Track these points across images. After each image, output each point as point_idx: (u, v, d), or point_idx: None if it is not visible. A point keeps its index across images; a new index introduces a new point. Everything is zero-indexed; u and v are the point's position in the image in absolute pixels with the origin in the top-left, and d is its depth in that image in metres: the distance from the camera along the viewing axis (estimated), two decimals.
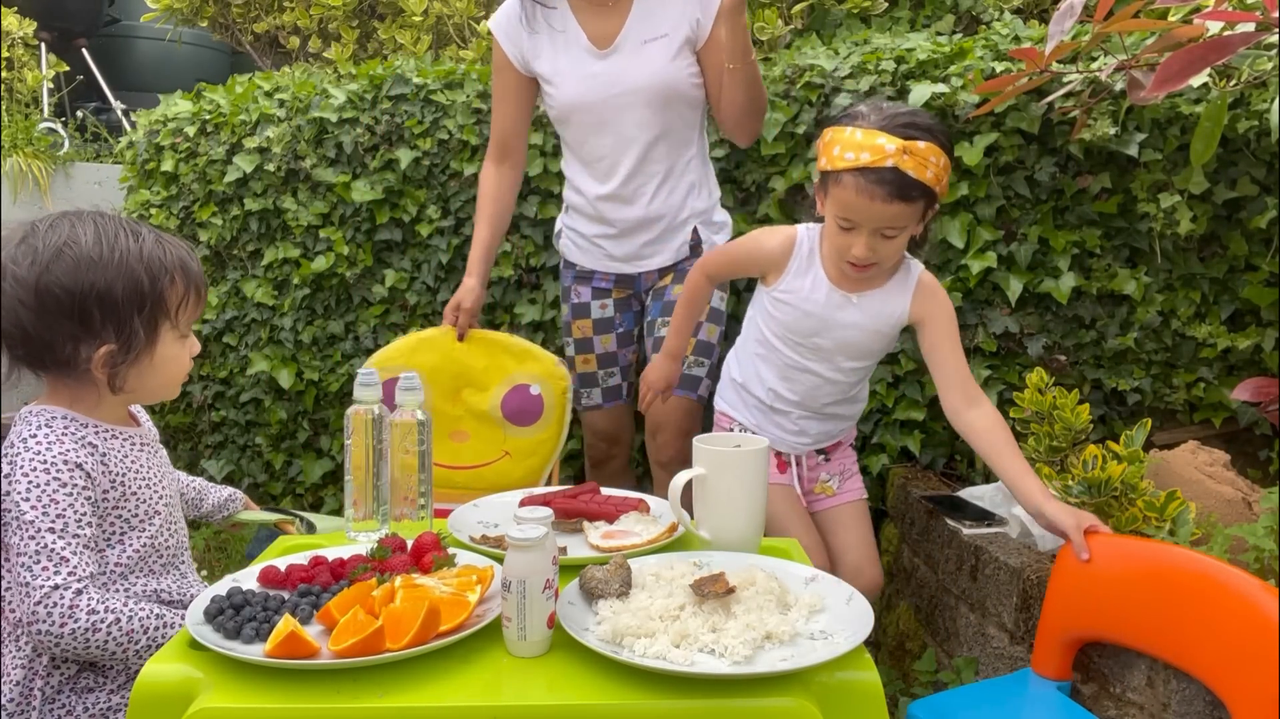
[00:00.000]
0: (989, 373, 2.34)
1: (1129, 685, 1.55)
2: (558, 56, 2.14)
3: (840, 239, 1.72)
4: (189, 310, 1.37)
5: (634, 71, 2.09)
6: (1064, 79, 2.15)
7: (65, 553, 1.22)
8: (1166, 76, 1.69)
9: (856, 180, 1.64)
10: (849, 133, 1.66)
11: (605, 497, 1.51)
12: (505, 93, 2.24)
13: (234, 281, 2.89)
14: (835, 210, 1.70)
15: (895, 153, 1.61)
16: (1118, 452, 1.80)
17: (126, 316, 1.29)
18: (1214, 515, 1.75)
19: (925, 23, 2.98)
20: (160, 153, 2.93)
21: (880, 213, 1.65)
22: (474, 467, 2.23)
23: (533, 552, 1.06)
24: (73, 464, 1.26)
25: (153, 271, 1.31)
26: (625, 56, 2.10)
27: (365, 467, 1.41)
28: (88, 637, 1.20)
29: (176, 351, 1.37)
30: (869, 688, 1.04)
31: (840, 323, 1.82)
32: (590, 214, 2.22)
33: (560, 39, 2.14)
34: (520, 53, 2.18)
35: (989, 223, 2.34)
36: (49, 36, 4.83)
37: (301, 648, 1.03)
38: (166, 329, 1.34)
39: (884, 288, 1.81)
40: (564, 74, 2.13)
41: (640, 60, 2.09)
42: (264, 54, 4.03)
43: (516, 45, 2.18)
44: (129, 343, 1.30)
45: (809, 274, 1.82)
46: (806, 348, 1.86)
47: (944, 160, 1.66)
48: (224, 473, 2.95)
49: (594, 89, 2.11)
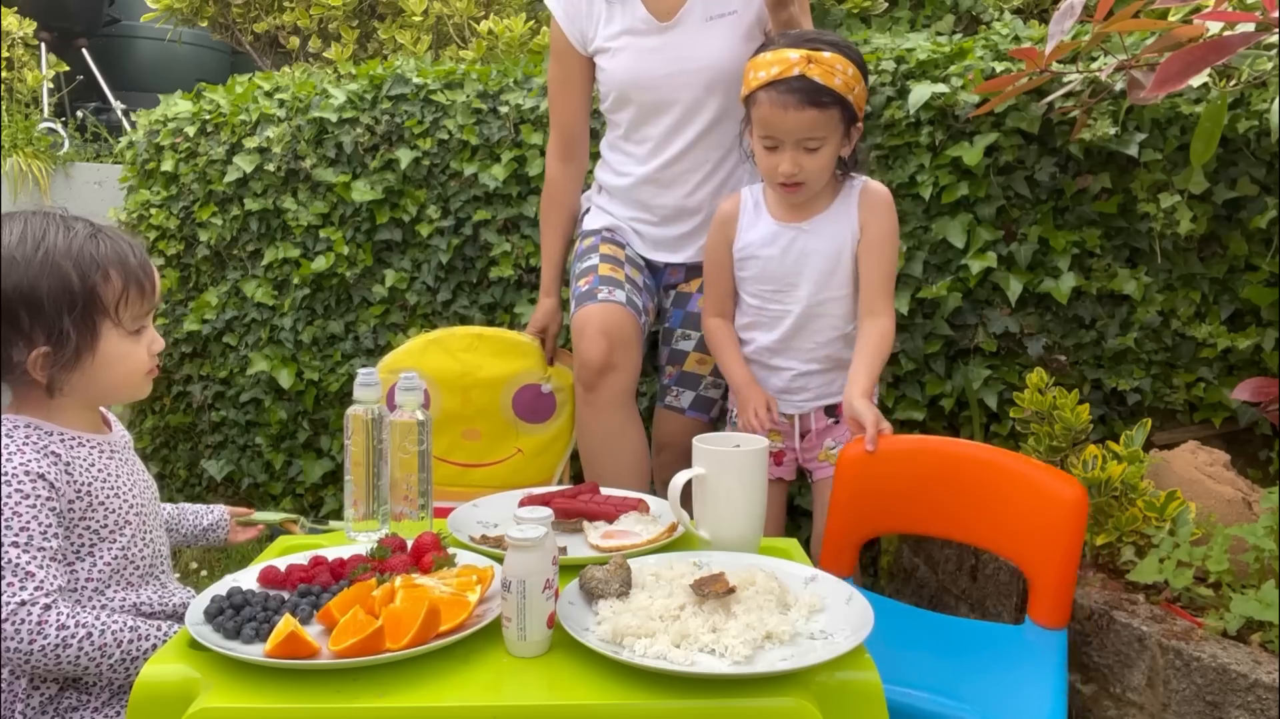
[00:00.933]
0: (989, 373, 2.34)
1: (1129, 685, 1.55)
2: (614, 26, 2.00)
3: (767, 161, 1.81)
4: (132, 306, 1.30)
5: (697, 49, 1.95)
6: (1064, 79, 2.15)
7: (30, 567, 1.17)
8: (1166, 77, 1.69)
9: (769, 94, 1.74)
10: (759, 56, 1.78)
11: (605, 497, 1.51)
12: (568, 80, 2.09)
13: (234, 281, 2.89)
14: (758, 132, 1.80)
15: (800, 61, 1.72)
16: (1118, 452, 1.80)
17: (55, 317, 1.24)
18: (1214, 515, 1.75)
19: (925, 23, 2.98)
20: (160, 153, 2.94)
21: (796, 121, 1.74)
22: (487, 464, 2.23)
23: (533, 552, 1.06)
24: (35, 475, 1.22)
25: (82, 268, 1.25)
26: (688, 32, 1.96)
27: (365, 467, 1.41)
28: (58, 653, 1.16)
29: (126, 350, 1.31)
30: (869, 688, 1.04)
31: (802, 253, 1.87)
32: (627, 199, 2.11)
33: (618, 8, 2.00)
34: (580, 31, 2.04)
35: (989, 223, 2.34)
36: (49, 36, 4.83)
37: (301, 648, 1.03)
38: (108, 327, 1.28)
39: (830, 209, 1.87)
40: (620, 47, 2.00)
41: (705, 38, 1.95)
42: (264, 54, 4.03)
43: (576, 23, 2.05)
44: (60, 344, 1.24)
45: (758, 224, 1.91)
46: (781, 291, 1.90)
47: (852, 70, 1.76)
48: (224, 473, 2.95)
49: (651, 65, 1.97)
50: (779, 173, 1.79)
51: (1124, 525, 1.72)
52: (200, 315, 2.91)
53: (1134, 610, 1.59)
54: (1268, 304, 2.27)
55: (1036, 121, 2.27)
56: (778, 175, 1.80)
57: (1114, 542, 1.73)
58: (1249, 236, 2.28)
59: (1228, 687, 1.40)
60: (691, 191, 2.06)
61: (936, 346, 2.38)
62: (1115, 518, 1.73)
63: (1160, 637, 1.50)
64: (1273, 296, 2.27)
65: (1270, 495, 1.63)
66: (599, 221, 2.17)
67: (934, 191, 2.35)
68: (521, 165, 2.62)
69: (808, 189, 1.83)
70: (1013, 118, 2.29)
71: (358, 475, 1.41)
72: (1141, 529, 1.71)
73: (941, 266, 2.37)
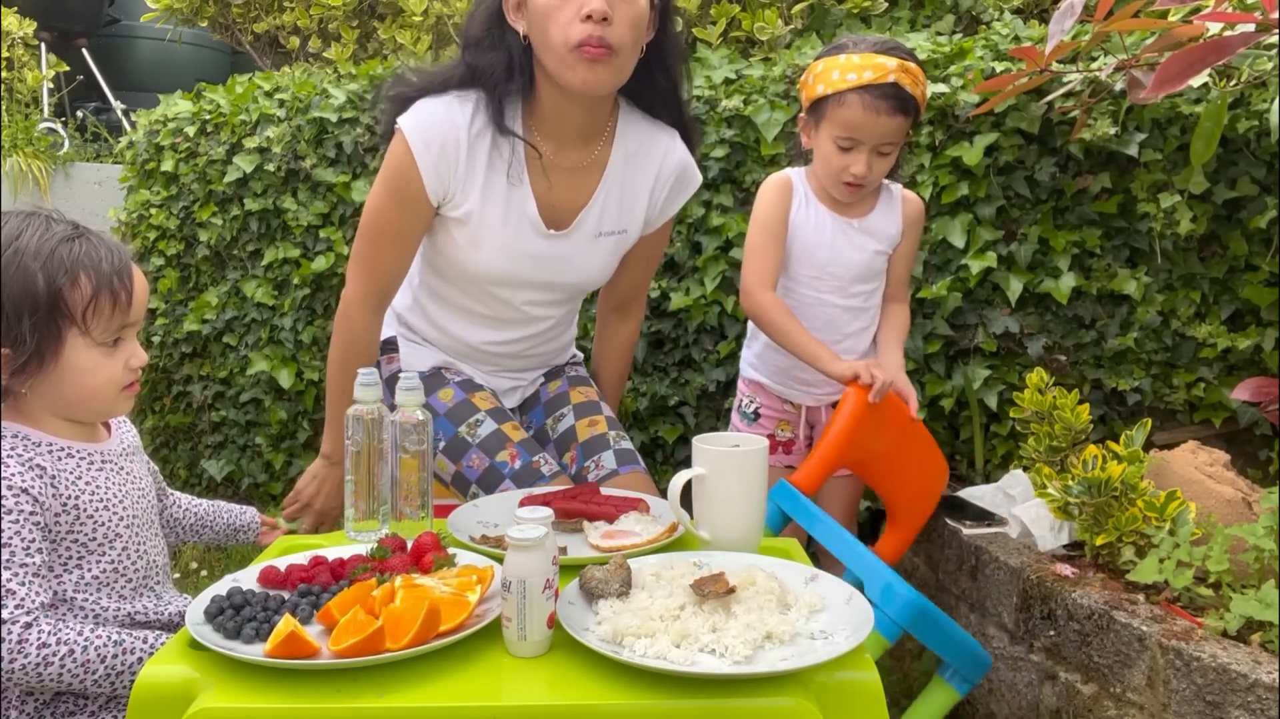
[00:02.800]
0: (989, 373, 2.34)
1: (1129, 685, 1.55)
2: (489, 212, 1.63)
3: (839, 160, 1.83)
4: (103, 317, 1.23)
5: (578, 263, 1.71)
6: (1064, 79, 2.16)
7: (11, 584, 1.14)
8: (1166, 77, 1.69)
9: (862, 97, 1.76)
10: (845, 59, 1.79)
11: (605, 497, 1.51)
12: (405, 232, 1.65)
13: (234, 281, 2.89)
14: (836, 132, 1.81)
15: (896, 69, 1.76)
16: (1118, 452, 1.80)
17: (14, 319, 1.18)
18: (1214, 515, 1.75)
19: (925, 23, 2.98)
20: (160, 153, 2.94)
21: (884, 127, 1.79)
22: None
23: (533, 552, 1.06)
24: (17, 489, 1.18)
25: (49, 270, 1.19)
26: (575, 244, 1.70)
27: (365, 467, 1.41)
28: (40, 670, 1.13)
29: (95, 362, 1.24)
30: (869, 688, 1.04)
31: (850, 247, 1.93)
32: (461, 352, 1.84)
33: (500, 191, 1.63)
34: (445, 187, 1.62)
35: (989, 223, 2.34)
36: (49, 36, 4.84)
37: (301, 648, 1.02)
38: (74, 335, 1.22)
39: (875, 209, 1.95)
40: (494, 239, 1.65)
41: (590, 254, 1.72)
42: (264, 54, 4.03)
43: (442, 178, 1.61)
44: (18, 349, 1.19)
45: (809, 209, 1.93)
46: (821, 279, 1.94)
47: (926, 81, 1.87)
48: (224, 473, 2.95)
49: (526, 270, 1.69)
50: (850, 173, 1.82)
51: (1124, 525, 1.72)
52: (200, 315, 2.91)
53: (1134, 610, 1.59)
54: (1268, 304, 2.27)
55: (1036, 121, 2.27)
56: (846, 175, 1.83)
57: (1114, 542, 1.73)
58: (1249, 236, 2.28)
59: (1228, 687, 1.40)
60: (535, 347, 1.86)
61: (936, 346, 2.38)
62: (1115, 518, 1.73)
63: (1160, 637, 1.50)
64: (1273, 296, 2.27)
65: (1270, 495, 1.63)
66: (426, 359, 1.83)
67: (934, 191, 2.35)
68: None
69: (865, 190, 1.91)
70: (1013, 118, 2.29)
71: (358, 475, 1.41)
72: (1141, 529, 1.71)
73: (941, 266, 2.37)
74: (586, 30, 1.49)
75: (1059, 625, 1.70)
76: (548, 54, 1.54)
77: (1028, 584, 1.77)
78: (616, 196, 1.71)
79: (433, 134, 1.59)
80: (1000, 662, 1.86)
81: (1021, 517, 1.93)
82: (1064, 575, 1.75)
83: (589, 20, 1.48)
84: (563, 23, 1.50)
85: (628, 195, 1.72)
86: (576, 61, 1.51)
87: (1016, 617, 1.80)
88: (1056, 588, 1.71)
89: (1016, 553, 1.87)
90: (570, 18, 1.49)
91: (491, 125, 1.61)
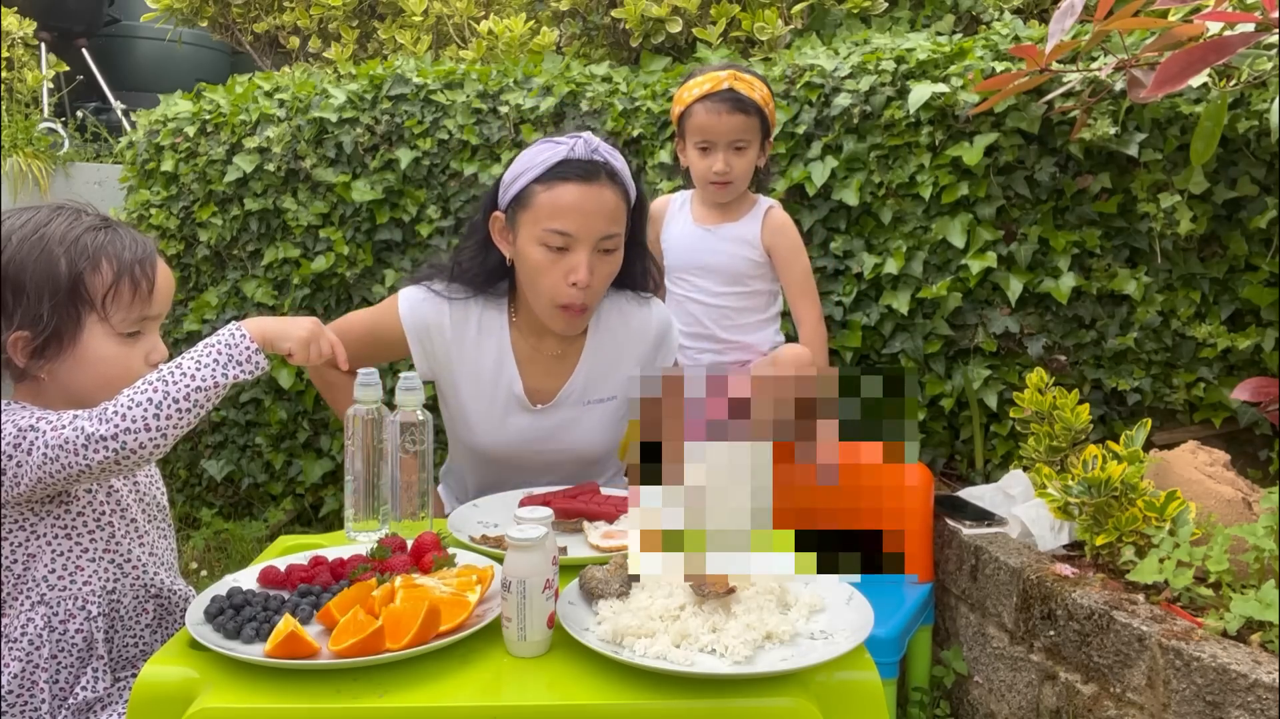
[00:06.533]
0: (989, 373, 2.34)
1: (1129, 685, 1.55)
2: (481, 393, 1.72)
3: (701, 163, 2.12)
4: (123, 304, 1.26)
5: (571, 433, 1.74)
6: (1064, 79, 2.16)
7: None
8: (1166, 76, 1.70)
9: (704, 105, 2.09)
10: (691, 82, 2.13)
11: (605, 496, 1.51)
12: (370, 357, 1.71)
13: (234, 281, 2.89)
14: (694, 139, 2.12)
15: (728, 77, 2.10)
16: (1118, 452, 1.80)
17: (35, 300, 1.22)
18: (1214, 515, 1.75)
19: (925, 23, 2.98)
20: (160, 153, 2.93)
21: (728, 124, 2.08)
22: None
23: (533, 552, 1.06)
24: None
25: (72, 255, 1.22)
26: (563, 413, 1.74)
27: (365, 467, 1.41)
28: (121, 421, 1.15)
29: (113, 351, 1.27)
30: (869, 688, 1.04)
31: (707, 251, 2.18)
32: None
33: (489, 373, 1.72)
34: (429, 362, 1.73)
35: (989, 223, 2.34)
36: (49, 36, 4.83)
37: (301, 648, 1.02)
38: (93, 321, 1.25)
39: (738, 221, 2.18)
40: (483, 417, 1.73)
41: (581, 422, 1.74)
42: (264, 54, 4.03)
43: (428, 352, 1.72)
44: (37, 329, 1.23)
45: (679, 220, 2.24)
46: (685, 280, 2.20)
47: (766, 91, 2.14)
48: (224, 473, 2.95)
49: (516, 443, 1.73)
50: (712, 172, 2.10)
51: (1124, 525, 1.72)
52: (200, 315, 2.91)
53: (1134, 610, 1.59)
54: (1268, 304, 2.27)
55: (1036, 121, 2.27)
56: (711, 175, 2.11)
57: (1114, 542, 1.73)
58: (1249, 236, 2.28)
59: (1228, 687, 1.40)
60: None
61: (936, 347, 2.38)
62: (1115, 518, 1.73)
63: (1160, 637, 1.50)
64: (1273, 296, 2.27)
65: (1270, 495, 1.63)
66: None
67: (934, 191, 2.35)
68: None
69: (734, 188, 2.14)
70: (1012, 118, 2.29)
71: (358, 475, 1.41)
72: (1141, 529, 1.71)
73: (941, 266, 2.37)
74: (571, 295, 1.61)
75: (1059, 625, 1.70)
76: (533, 298, 1.67)
77: (1028, 584, 1.77)
78: (601, 368, 1.76)
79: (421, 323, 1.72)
80: (1000, 662, 1.86)
81: (1021, 517, 1.93)
82: (1064, 575, 1.75)
83: (574, 286, 1.60)
84: (550, 282, 1.62)
85: (611, 364, 1.76)
86: (558, 314, 1.64)
87: (1016, 617, 1.80)
88: (1056, 588, 1.71)
89: (1016, 553, 1.87)
90: (558, 279, 1.61)
91: (477, 319, 1.73)
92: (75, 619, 1.27)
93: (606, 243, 1.62)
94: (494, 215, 1.68)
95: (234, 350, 1.23)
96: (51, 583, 1.26)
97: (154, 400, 1.17)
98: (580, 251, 1.59)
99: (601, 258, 1.62)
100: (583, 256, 1.58)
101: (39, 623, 1.25)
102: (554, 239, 1.58)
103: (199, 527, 2.95)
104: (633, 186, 1.67)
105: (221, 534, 2.90)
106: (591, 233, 1.59)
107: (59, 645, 1.26)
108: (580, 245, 1.59)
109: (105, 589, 1.30)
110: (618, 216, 1.63)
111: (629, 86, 2.67)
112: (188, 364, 1.21)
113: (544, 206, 1.59)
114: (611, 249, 1.64)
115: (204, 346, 1.23)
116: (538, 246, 1.60)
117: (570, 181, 1.58)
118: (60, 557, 1.27)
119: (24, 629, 1.25)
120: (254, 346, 1.24)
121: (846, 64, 2.45)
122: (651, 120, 2.59)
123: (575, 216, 1.58)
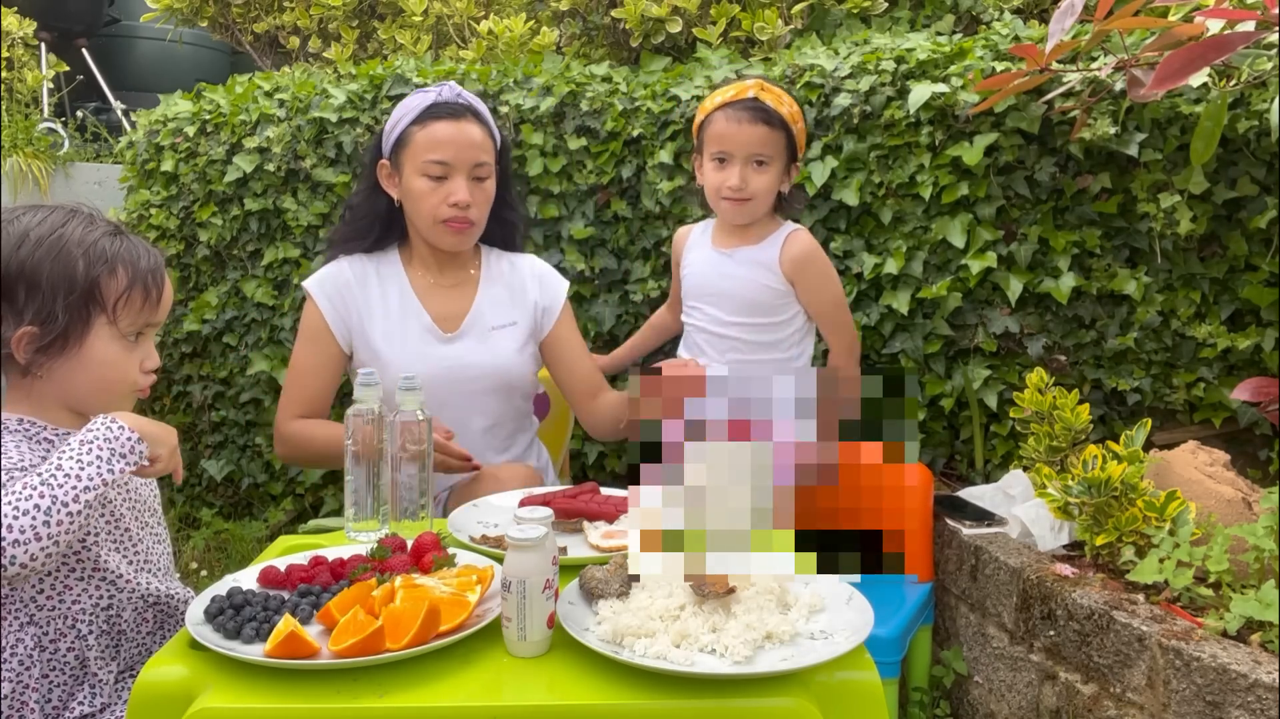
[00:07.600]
0: (989, 373, 2.34)
1: (1129, 685, 1.55)
2: (393, 332, 1.91)
3: (717, 176, 1.97)
4: (133, 310, 1.30)
5: (481, 358, 1.92)
6: (1064, 78, 2.16)
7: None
8: (1167, 74, 1.70)
9: (725, 113, 1.95)
10: (716, 92, 2.01)
11: (605, 497, 1.51)
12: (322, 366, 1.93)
13: (234, 281, 2.89)
14: (711, 149, 1.97)
15: (754, 86, 1.96)
16: (1118, 452, 1.80)
17: (50, 297, 1.24)
18: (1214, 515, 1.75)
19: (925, 23, 2.98)
20: (160, 153, 2.93)
21: (748, 136, 1.93)
22: None
23: (533, 552, 1.06)
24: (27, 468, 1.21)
25: (90, 258, 1.26)
26: (472, 341, 1.94)
27: (365, 467, 1.41)
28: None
29: (115, 356, 1.30)
30: (869, 688, 1.04)
31: (720, 274, 2.04)
32: None
33: (396, 313, 1.93)
34: (344, 321, 1.92)
35: (989, 223, 2.34)
36: (49, 36, 4.83)
37: (301, 648, 1.03)
38: (101, 324, 1.28)
39: (757, 245, 2.03)
40: (400, 354, 1.90)
41: (487, 347, 1.94)
42: (264, 54, 4.03)
43: (341, 312, 1.92)
44: (48, 326, 1.24)
45: (699, 247, 2.11)
46: (698, 308, 2.07)
47: (796, 109, 2.00)
48: (224, 473, 2.95)
49: (438, 374, 1.86)
50: (726, 186, 1.95)
51: (1124, 525, 1.72)
52: (200, 315, 2.91)
53: (1134, 610, 1.59)
54: (1268, 304, 2.27)
55: (1036, 121, 2.27)
56: (725, 190, 1.95)
57: (1114, 542, 1.73)
58: (1249, 236, 2.28)
59: (1228, 687, 1.40)
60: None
61: (936, 347, 2.38)
62: (1115, 518, 1.73)
63: (1160, 637, 1.50)
64: (1273, 296, 2.27)
65: (1270, 495, 1.63)
66: None
67: (934, 191, 2.35)
68: (521, 165, 2.62)
69: (751, 208, 1.98)
70: (1012, 117, 2.29)
71: (358, 475, 1.41)
72: (1141, 529, 1.71)
73: (941, 266, 2.37)
74: (452, 212, 1.87)
75: (1059, 625, 1.70)
76: (421, 224, 1.91)
77: (1028, 584, 1.77)
78: (497, 295, 1.99)
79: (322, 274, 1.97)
80: (1000, 662, 1.86)
81: (1021, 517, 1.93)
82: (1064, 575, 1.75)
83: (454, 206, 1.86)
84: (432, 204, 1.87)
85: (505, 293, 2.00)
86: (444, 232, 1.89)
87: (1016, 617, 1.80)
88: (1056, 588, 1.71)
89: (1016, 553, 1.87)
90: (439, 202, 1.86)
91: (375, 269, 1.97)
92: (66, 638, 1.27)
93: (479, 170, 1.88)
94: (380, 163, 1.93)
95: (115, 444, 1.18)
96: (40, 603, 1.26)
97: (41, 507, 1.10)
98: (457, 178, 1.86)
99: (476, 185, 1.88)
100: (460, 181, 1.85)
101: (29, 643, 1.24)
102: (433, 169, 1.85)
103: (199, 527, 2.95)
104: (496, 130, 1.95)
105: (221, 534, 2.90)
106: (464, 160, 1.85)
107: (50, 665, 1.26)
108: (456, 172, 1.86)
109: (100, 606, 1.29)
110: (486, 148, 1.89)
111: (629, 86, 2.67)
112: (69, 465, 1.14)
113: (421, 143, 1.86)
114: (483, 176, 1.90)
115: (80, 445, 1.17)
116: (420, 178, 1.86)
117: (442, 119, 1.86)
118: (48, 577, 1.26)
119: (13, 649, 1.24)
120: (135, 436, 1.19)
121: (846, 64, 2.45)
122: (651, 120, 2.59)
123: (449, 147, 1.85)
